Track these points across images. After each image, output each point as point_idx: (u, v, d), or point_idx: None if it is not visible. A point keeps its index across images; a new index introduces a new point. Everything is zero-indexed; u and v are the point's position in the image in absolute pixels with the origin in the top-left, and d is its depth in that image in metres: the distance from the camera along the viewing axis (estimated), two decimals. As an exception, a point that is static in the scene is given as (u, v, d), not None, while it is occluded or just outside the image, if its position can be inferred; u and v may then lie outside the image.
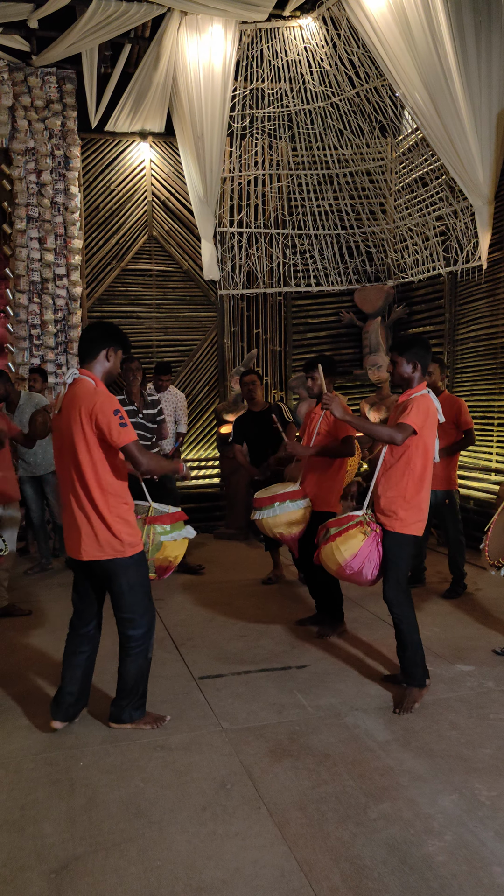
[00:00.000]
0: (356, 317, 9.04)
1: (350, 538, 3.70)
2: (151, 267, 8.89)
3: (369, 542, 3.68)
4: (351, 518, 3.77)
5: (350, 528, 3.72)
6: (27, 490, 6.51)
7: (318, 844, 2.61)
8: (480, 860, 2.51)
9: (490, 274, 7.35)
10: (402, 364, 3.80)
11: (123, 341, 3.54)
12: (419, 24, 6.47)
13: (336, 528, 3.78)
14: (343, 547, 3.69)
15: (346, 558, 3.69)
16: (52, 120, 8.06)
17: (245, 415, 6.21)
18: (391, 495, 3.74)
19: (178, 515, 3.88)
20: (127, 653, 3.52)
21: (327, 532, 3.84)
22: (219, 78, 7.86)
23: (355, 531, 3.70)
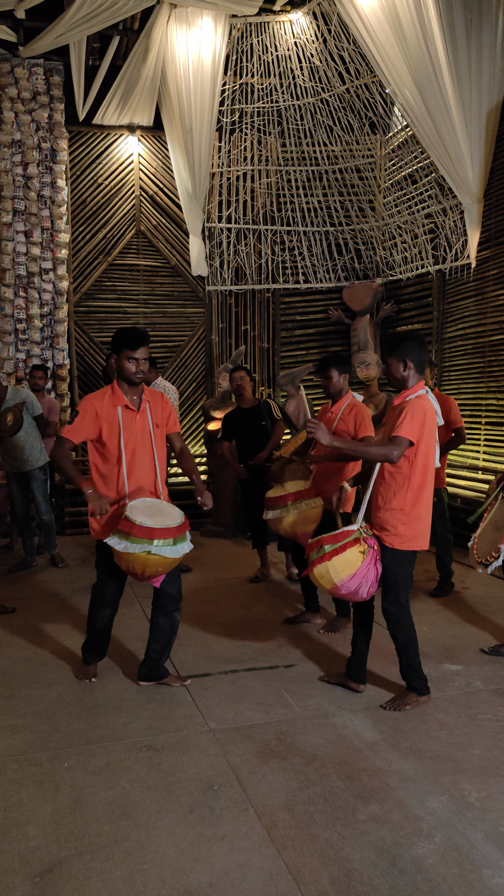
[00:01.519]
0: (344, 314, 9.02)
1: (347, 557, 3.44)
2: (139, 262, 8.83)
3: (367, 562, 3.46)
4: (347, 534, 3.50)
5: (347, 546, 3.46)
6: (12, 486, 6.44)
7: (306, 847, 2.58)
8: (471, 862, 2.48)
9: (478, 272, 7.35)
10: (393, 365, 3.61)
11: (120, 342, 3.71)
12: (410, 21, 6.45)
13: (331, 546, 3.48)
14: (340, 566, 3.43)
15: (343, 578, 3.44)
16: (39, 112, 7.98)
17: (234, 411, 6.16)
18: (389, 509, 3.57)
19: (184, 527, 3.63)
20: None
21: (321, 549, 3.52)
22: (208, 72, 7.81)
23: (353, 550, 3.45)
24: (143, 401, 3.78)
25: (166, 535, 3.47)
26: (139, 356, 3.66)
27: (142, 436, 3.76)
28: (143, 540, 3.44)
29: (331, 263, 9.03)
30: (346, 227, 8.94)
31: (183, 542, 3.60)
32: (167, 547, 3.48)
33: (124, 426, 3.71)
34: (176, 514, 3.66)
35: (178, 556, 3.56)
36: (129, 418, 3.74)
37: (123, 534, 3.48)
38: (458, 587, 5.76)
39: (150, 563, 3.49)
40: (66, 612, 5.27)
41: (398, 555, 3.57)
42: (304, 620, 4.96)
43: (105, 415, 3.70)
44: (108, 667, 4.24)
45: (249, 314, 9.06)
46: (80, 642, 4.63)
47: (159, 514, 3.59)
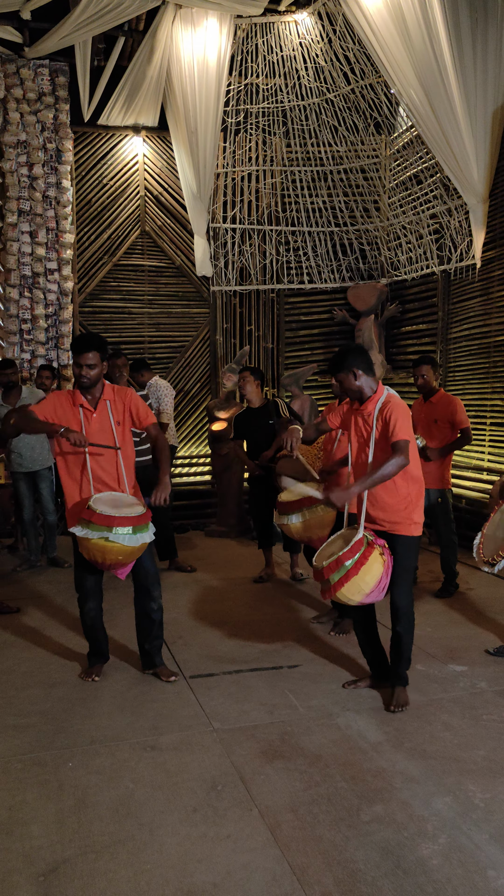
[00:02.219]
0: (349, 314, 9.00)
1: (371, 566, 3.45)
2: (143, 262, 8.83)
3: (387, 563, 3.51)
4: (360, 543, 3.47)
5: (367, 555, 3.45)
6: (20, 486, 6.47)
7: (310, 847, 2.57)
8: (475, 864, 2.48)
9: (483, 273, 7.33)
10: (346, 380, 3.64)
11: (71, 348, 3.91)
12: (415, 21, 6.44)
13: (351, 561, 3.42)
14: (368, 577, 3.44)
15: (372, 587, 3.45)
16: (45, 113, 7.99)
17: (244, 412, 6.20)
18: (398, 503, 3.63)
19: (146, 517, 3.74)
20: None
21: (342, 567, 3.43)
22: (213, 72, 7.80)
23: (374, 556, 3.46)
24: (100, 400, 3.93)
25: (125, 522, 3.60)
26: (83, 362, 3.80)
27: (101, 434, 3.89)
28: (101, 527, 3.59)
29: (335, 264, 9.02)
30: (351, 228, 8.93)
31: (143, 531, 3.70)
32: (126, 535, 3.60)
33: (84, 426, 3.88)
34: (138, 507, 3.77)
35: (137, 544, 3.67)
36: (86, 417, 3.90)
37: (85, 521, 3.65)
38: (462, 588, 5.75)
39: (109, 551, 3.62)
40: (69, 612, 5.27)
41: (413, 541, 3.68)
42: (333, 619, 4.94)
43: (62, 413, 3.88)
44: (113, 666, 4.24)
45: (254, 314, 9.06)
46: (84, 642, 4.64)
47: (122, 506, 3.73)
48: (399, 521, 3.65)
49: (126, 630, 4.83)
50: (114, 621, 5.04)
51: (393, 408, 3.59)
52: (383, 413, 3.61)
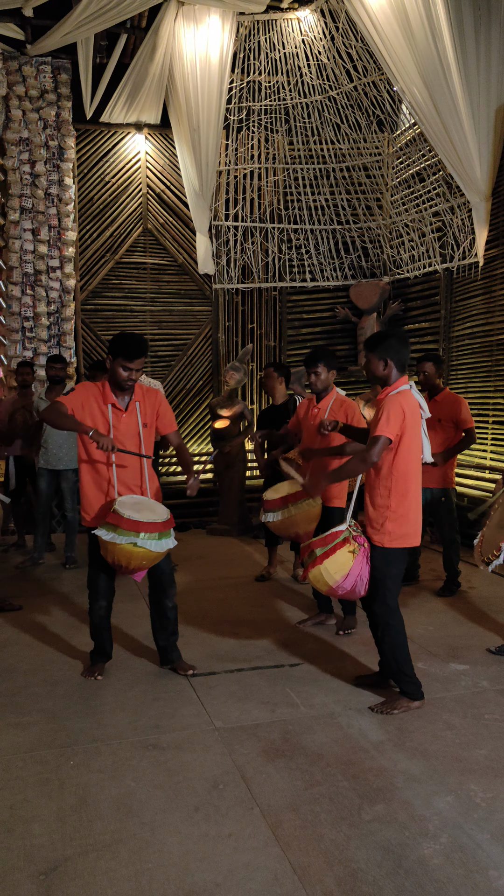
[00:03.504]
0: (351, 312, 8.99)
1: (338, 558, 3.49)
2: (146, 260, 8.83)
3: (359, 560, 3.50)
4: (335, 535, 3.54)
5: (336, 548, 3.50)
6: (41, 481, 6.50)
7: (311, 847, 2.57)
8: (476, 863, 2.47)
9: (486, 270, 7.32)
10: (374, 362, 3.61)
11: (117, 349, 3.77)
12: (418, 18, 6.42)
13: (321, 549, 3.53)
14: (332, 569, 3.48)
15: (337, 580, 3.49)
16: (47, 110, 7.98)
17: (268, 408, 6.32)
18: (376, 506, 3.58)
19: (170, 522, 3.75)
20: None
21: (312, 553, 3.58)
22: (215, 70, 7.79)
23: (343, 550, 3.49)
24: (131, 401, 3.88)
25: (152, 529, 3.59)
26: (134, 367, 3.74)
27: (128, 435, 3.85)
28: (129, 533, 3.56)
29: (338, 261, 9.01)
30: (354, 226, 8.92)
31: (167, 537, 3.71)
32: (152, 541, 3.60)
33: (113, 425, 3.81)
34: (162, 511, 3.76)
35: (162, 550, 3.68)
36: (116, 417, 3.84)
37: (111, 526, 3.59)
38: (464, 587, 5.75)
39: (135, 556, 3.60)
40: (72, 611, 5.27)
41: (386, 553, 3.56)
42: (319, 622, 4.94)
43: (89, 408, 3.80)
44: (114, 665, 4.24)
45: (256, 312, 9.05)
46: (87, 640, 4.64)
47: (146, 510, 3.70)
48: (375, 529, 3.59)
49: (128, 629, 4.84)
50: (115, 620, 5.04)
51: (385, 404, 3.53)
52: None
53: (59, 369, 6.39)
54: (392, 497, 3.54)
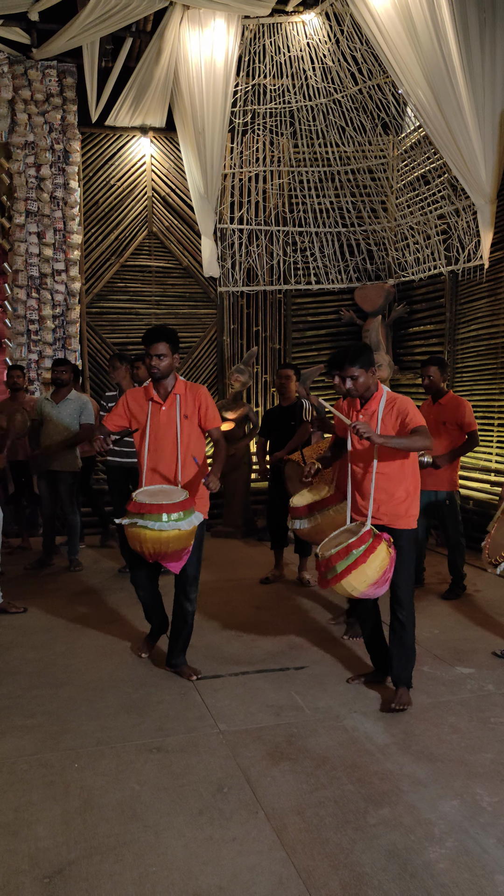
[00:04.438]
0: (356, 315, 8.99)
1: (378, 555, 3.47)
2: (151, 263, 8.84)
3: (392, 557, 3.55)
4: (368, 535, 3.51)
5: (374, 545, 3.48)
6: (42, 484, 6.52)
7: (316, 850, 2.56)
8: (482, 868, 2.46)
9: (491, 273, 7.31)
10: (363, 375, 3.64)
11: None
12: (423, 21, 6.42)
13: (360, 549, 3.45)
14: (374, 566, 3.46)
15: (376, 578, 3.47)
16: (52, 114, 8.00)
17: (274, 408, 6.23)
18: (399, 497, 3.69)
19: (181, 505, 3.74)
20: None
21: (350, 555, 3.45)
22: (220, 73, 7.80)
23: (381, 547, 3.49)
24: (171, 394, 3.98)
25: (154, 509, 3.63)
26: (153, 353, 3.88)
27: (166, 426, 3.97)
28: (134, 514, 3.69)
29: (343, 264, 9.01)
30: (359, 228, 8.92)
31: (179, 520, 3.66)
32: (156, 521, 3.61)
33: (151, 417, 3.98)
34: (178, 495, 3.77)
35: (169, 531, 3.64)
36: (154, 410, 3.98)
37: (127, 512, 3.76)
38: (470, 590, 5.73)
39: (144, 539, 3.66)
40: (77, 613, 5.27)
41: (409, 534, 3.72)
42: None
43: (135, 407, 4.03)
44: (119, 667, 4.24)
45: (261, 315, 9.05)
46: (92, 642, 4.66)
47: (162, 496, 3.77)
48: (400, 515, 3.71)
49: (132, 631, 4.83)
50: (119, 622, 5.04)
51: (402, 402, 3.66)
52: (393, 409, 3.66)
53: (61, 372, 6.39)
54: (411, 482, 3.74)
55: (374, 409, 3.71)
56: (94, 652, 4.49)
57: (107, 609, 5.36)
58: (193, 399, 3.99)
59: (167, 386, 3.98)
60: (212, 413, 4.05)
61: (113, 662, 4.31)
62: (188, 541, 3.78)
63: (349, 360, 3.66)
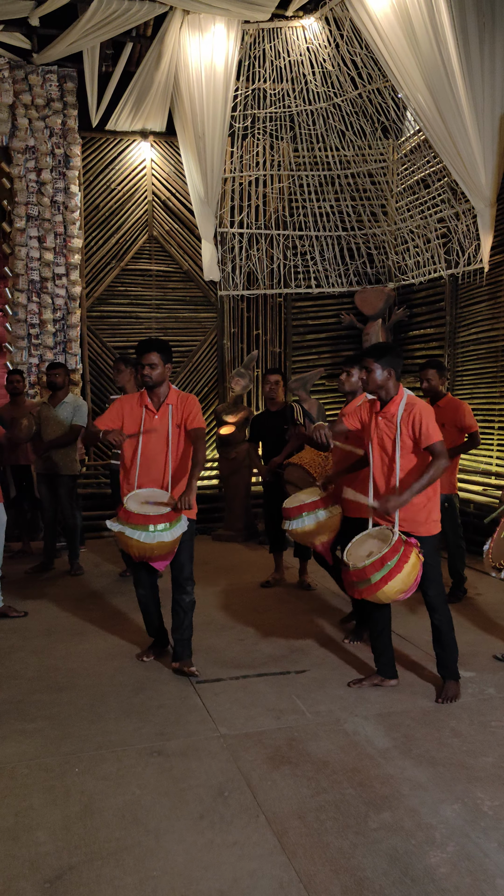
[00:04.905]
0: (356, 319, 9.00)
1: (410, 562, 3.52)
2: (151, 267, 8.85)
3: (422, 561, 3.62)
4: (399, 543, 3.55)
5: (407, 554, 3.53)
6: (42, 488, 6.54)
7: (317, 855, 2.56)
8: (484, 872, 2.46)
9: (491, 277, 7.31)
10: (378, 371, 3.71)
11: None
12: (422, 25, 6.44)
13: (394, 560, 3.50)
14: (407, 573, 3.51)
15: (410, 584, 3.55)
16: (53, 118, 8.02)
17: (262, 414, 6.21)
18: (418, 503, 3.71)
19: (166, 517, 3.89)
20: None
21: (385, 565, 3.48)
22: (221, 78, 7.82)
23: (413, 555, 3.55)
24: (163, 404, 4.14)
25: (140, 520, 3.80)
26: (145, 362, 4.07)
27: (158, 434, 4.13)
28: (122, 522, 3.86)
29: (343, 268, 9.02)
30: (359, 232, 8.93)
31: (165, 530, 3.83)
32: (142, 532, 3.79)
33: (144, 424, 4.13)
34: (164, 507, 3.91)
35: (153, 541, 3.81)
36: (148, 418, 4.15)
37: (117, 517, 3.94)
38: (471, 593, 5.72)
39: (130, 545, 3.85)
40: (77, 617, 5.27)
41: (434, 540, 3.79)
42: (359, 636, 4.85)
43: (129, 412, 4.17)
44: (119, 671, 4.24)
45: (261, 319, 9.06)
46: (92, 646, 4.66)
47: (151, 503, 3.93)
48: (422, 521, 3.75)
49: (133, 635, 4.83)
50: (120, 626, 5.04)
51: (420, 409, 3.68)
52: (410, 416, 3.68)
53: (55, 375, 6.39)
54: (435, 490, 3.80)
55: (393, 412, 3.76)
56: (94, 656, 4.49)
57: (108, 613, 5.36)
58: (184, 409, 4.15)
59: (160, 395, 4.15)
60: (195, 415, 4.16)
61: (113, 666, 4.31)
62: (172, 547, 3.95)
63: (371, 353, 3.76)
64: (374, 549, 3.62)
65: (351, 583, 3.62)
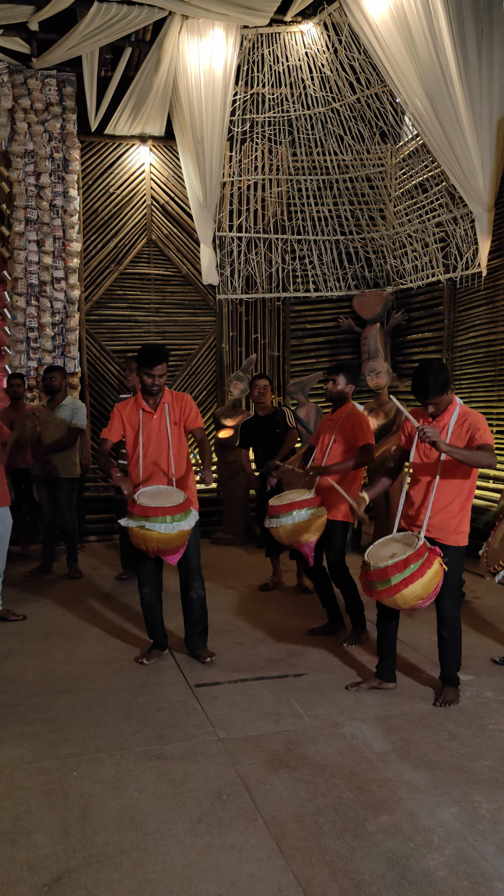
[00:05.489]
0: (355, 322, 9.01)
1: (432, 569, 3.50)
2: (150, 271, 8.87)
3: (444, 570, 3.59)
4: (424, 548, 3.52)
5: (430, 560, 3.51)
6: (41, 492, 6.53)
7: (315, 858, 2.56)
8: (481, 875, 2.46)
9: (489, 281, 7.33)
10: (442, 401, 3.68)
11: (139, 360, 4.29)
12: (420, 31, 6.46)
13: (417, 564, 3.46)
14: (429, 580, 3.48)
15: (430, 592, 3.51)
16: (52, 122, 8.04)
17: (251, 419, 6.20)
18: (454, 511, 3.71)
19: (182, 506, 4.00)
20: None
21: (407, 568, 3.46)
22: (219, 82, 7.85)
23: (437, 562, 3.52)
24: (160, 404, 4.32)
25: (159, 512, 3.89)
26: (155, 373, 4.20)
27: (158, 433, 4.30)
28: (139, 517, 3.92)
29: (341, 272, 9.04)
30: (357, 236, 8.95)
31: (181, 520, 3.95)
32: (161, 524, 3.89)
33: (143, 425, 4.28)
34: (178, 497, 4.03)
35: (173, 531, 3.93)
36: (146, 419, 4.30)
37: (129, 513, 4.01)
38: (468, 597, 5.73)
39: (149, 539, 3.93)
40: (76, 621, 5.27)
41: (461, 551, 3.76)
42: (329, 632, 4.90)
43: (128, 417, 4.32)
44: (118, 674, 4.24)
45: (260, 323, 9.08)
46: (91, 650, 4.66)
47: (162, 497, 4.03)
48: (451, 530, 3.73)
49: (132, 638, 4.83)
50: (119, 630, 5.05)
51: (474, 417, 3.69)
52: (464, 424, 3.68)
53: (51, 378, 6.40)
54: (469, 500, 3.77)
55: (445, 421, 3.72)
56: (93, 659, 4.49)
57: (106, 616, 5.36)
58: (180, 407, 4.35)
59: (157, 396, 4.33)
60: (194, 415, 4.39)
61: (112, 670, 4.31)
62: (187, 536, 4.07)
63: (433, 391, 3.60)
64: (397, 551, 3.59)
65: (369, 583, 3.58)
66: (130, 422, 4.31)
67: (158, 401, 4.32)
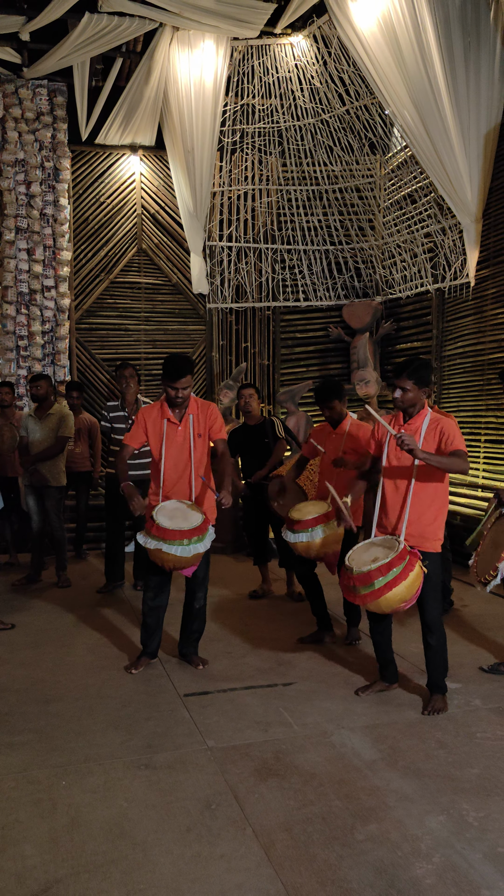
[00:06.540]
0: (344, 332, 9.06)
1: (416, 572, 3.55)
2: (140, 280, 8.89)
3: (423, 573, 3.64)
4: (405, 552, 3.58)
5: (413, 562, 3.56)
6: (29, 500, 6.50)
7: (304, 867, 2.57)
8: (469, 883, 2.47)
9: (477, 291, 7.40)
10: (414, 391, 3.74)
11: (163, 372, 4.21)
12: (409, 44, 6.53)
13: (399, 567, 3.52)
14: (411, 583, 3.53)
15: (411, 595, 3.57)
16: (43, 132, 8.07)
17: (239, 428, 6.19)
18: (429, 520, 3.75)
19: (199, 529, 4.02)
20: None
21: (391, 571, 3.50)
22: (210, 93, 7.90)
23: (418, 566, 3.58)
24: (185, 414, 4.27)
25: (176, 536, 3.92)
26: (179, 386, 4.13)
27: (181, 445, 4.26)
28: (158, 539, 3.95)
29: (331, 282, 9.09)
30: (346, 246, 9.01)
31: (198, 542, 3.98)
32: (179, 546, 3.92)
33: (167, 436, 4.24)
34: (195, 518, 4.03)
35: (189, 555, 3.97)
36: (171, 430, 4.26)
37: (147, 531, 4.03)
38: (457, 605, 5.75)
39: (166, 559, 3.98)
40: (65, 630, 5.26)
41: (438, 557, 3.80)
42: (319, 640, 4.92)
43: (151, 424, 4.27)
44: (107, 683, 4.23)
45: (250, 332, 9.11)
46: (80, 659, 4.65)
47: (180, 518, 4.03)
48: (427, 537, 3.77)
49: (121, 647, 4.83)
50: (108, 639, 5.04)
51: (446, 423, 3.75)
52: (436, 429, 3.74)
53: (36, 387, 6.38)
54: (443, 506, 3.82)
55: (417, 425, 3.79)
56: (82, 668, 4.48)
57: (95, 625, 5.35)
58: (205, 418, 4.30)
59: (182, 407, 4.27)
60: (218, 426, 4.34)
61: (101, 679, 4.30)
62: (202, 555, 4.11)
63: (407, 372, 3.73)
64: (379, 555, 3.63)
65: (351, 587, 3.60)
66: (154, 431, 4.27)
67: (184, 412, 4.27)
